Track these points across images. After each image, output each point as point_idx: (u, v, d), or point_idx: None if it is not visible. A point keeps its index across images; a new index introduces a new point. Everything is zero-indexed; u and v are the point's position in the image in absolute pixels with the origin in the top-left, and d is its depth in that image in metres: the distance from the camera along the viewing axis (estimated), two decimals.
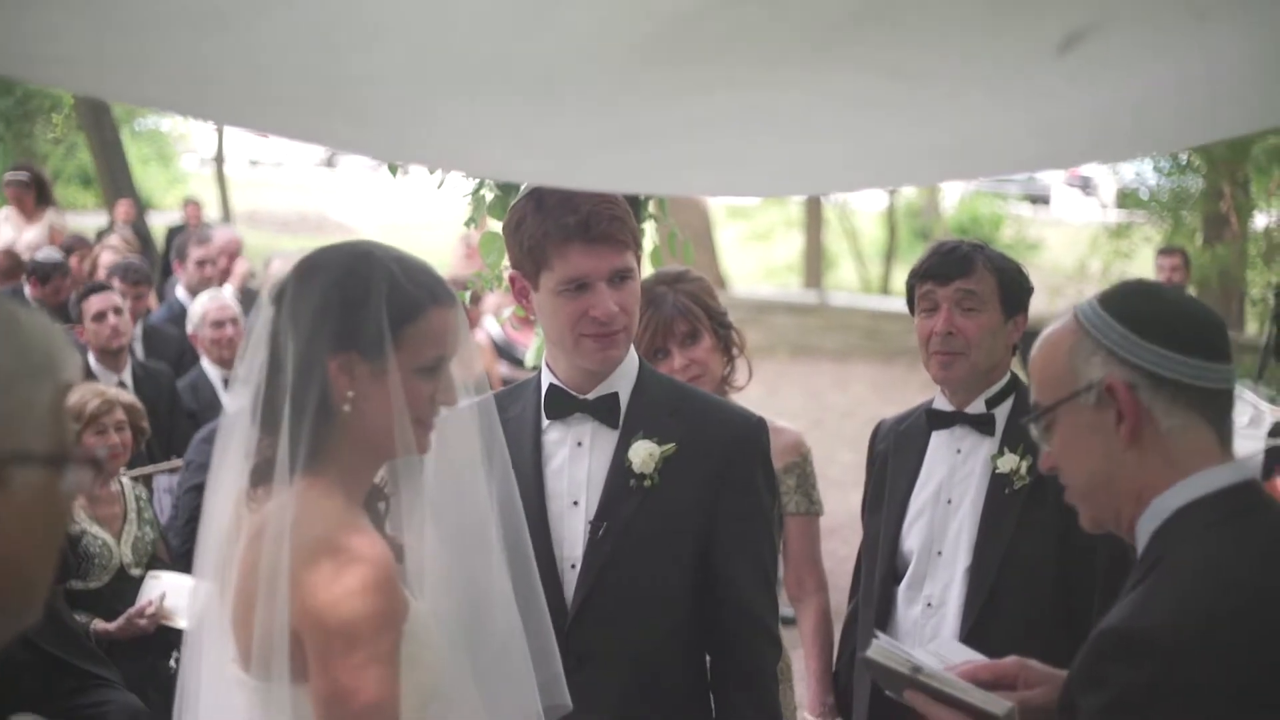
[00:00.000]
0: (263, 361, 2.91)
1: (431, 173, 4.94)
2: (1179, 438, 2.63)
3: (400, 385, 2.86)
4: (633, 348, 3.82)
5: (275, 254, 14.02)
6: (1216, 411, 2.67)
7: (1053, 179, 41.44)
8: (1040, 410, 2.75)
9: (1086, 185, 41.88)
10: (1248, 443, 7.33)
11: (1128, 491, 2.67)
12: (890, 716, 4.40)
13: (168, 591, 6.56)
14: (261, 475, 2.88)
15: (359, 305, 2.85)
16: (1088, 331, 2.68)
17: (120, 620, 6.54)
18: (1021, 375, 4.73)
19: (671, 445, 3.72)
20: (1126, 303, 2.71)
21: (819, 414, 18.42)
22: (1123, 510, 2.70)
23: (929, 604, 4.51)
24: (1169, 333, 2.64)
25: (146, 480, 7.82)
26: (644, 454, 3.70)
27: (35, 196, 14.13)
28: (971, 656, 3.20)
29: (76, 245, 13.29)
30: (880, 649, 3.05)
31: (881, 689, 3.19)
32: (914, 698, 2.97)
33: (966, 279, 4.48)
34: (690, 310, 5.05)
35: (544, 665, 3.16)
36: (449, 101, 2.55)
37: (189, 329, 9.67)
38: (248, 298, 11.51)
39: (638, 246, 3.75)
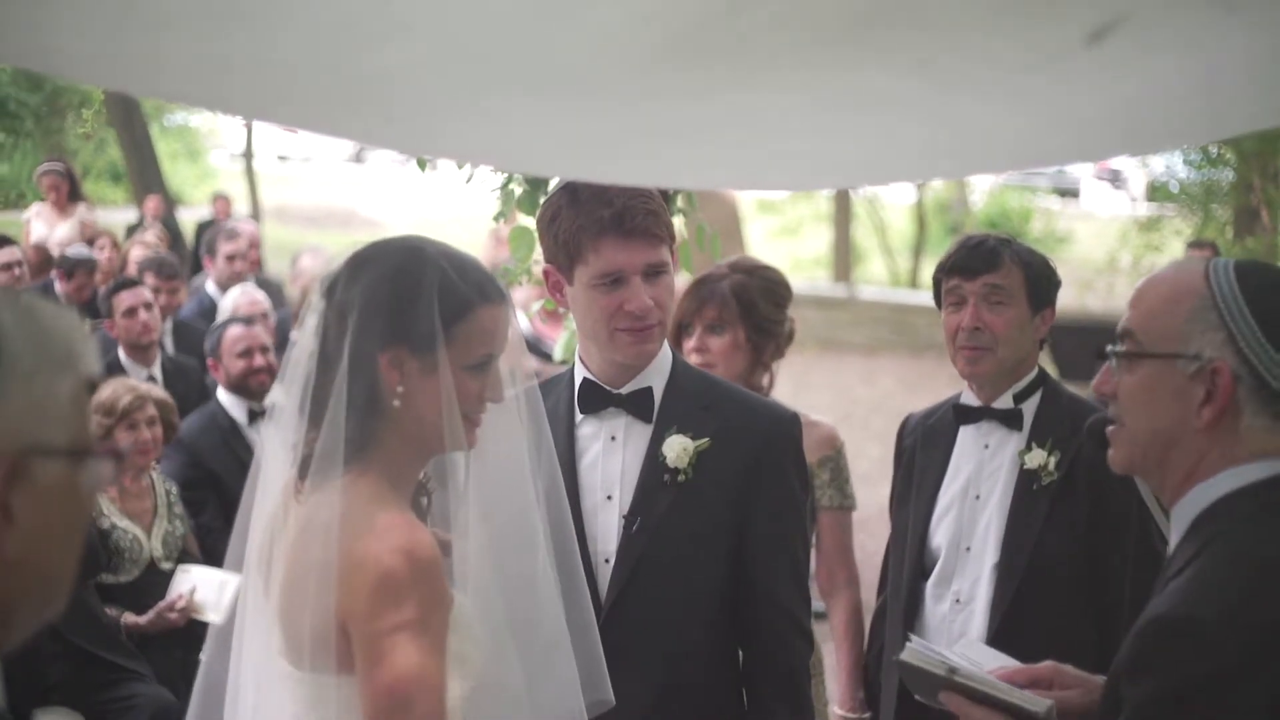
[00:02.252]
0: (312, 354, 2.93)
1: (460, 167, 4.94)
2: (1253, 436, 2.61)
3: (450, 381, 2.88)
4: (666, 342, 3.82)
5: (304, 249, 14.03)
6: None
7: (1082, 172, 41.25)
8: (1133, 350, 2.70)
9: (1116, 178, 41.71)
10: None
11: (1181, 465, 2.65)
12: (919, 712, 4.42)
13: (198, 585, 6.59)
14: (309, 467, 2.90)
15: (411, 301, 2.87)
16: (1216, 303, 2.62)
17: (150, 614, 6.57)
18: (1050, 369, 4.72)
19: (705, 440, 3.72)
20: (1263, 293, 2.63)
21: (847, 408, 18.40)
22: (1166, 480, 2.67)
23: (957, 600, 4.50)
24: None
25: None
26: (678, 448, 3.71)
27: (68, 190, 14.15)
28: (999, 658, 3.19)
29: (97, 236, 13.30)
30: (914, 651, 3.03)
31: (911, 694, 3.17)
32: (949, 699, 2.95)
33: (993, 273, 4.46)
34: (726, 301, 5.06)
35: (587, 660, 3.17)
36: (477, 96, 2.55)
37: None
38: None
39: (672, 241, 3.75)
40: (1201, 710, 2.41)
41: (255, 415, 7.82)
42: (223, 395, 8.07)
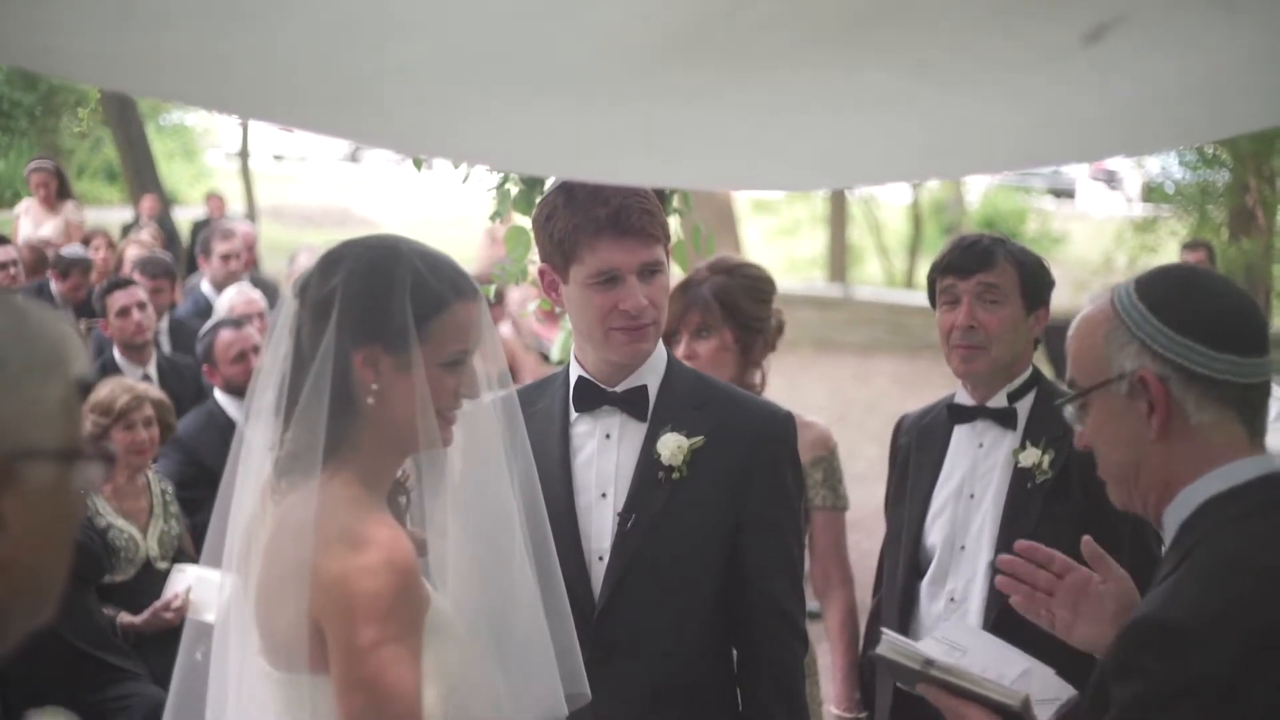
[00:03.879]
0: (286, 354, 2.93)
1: (456, 167, 4.94)
2: (1209, 432, 2.65)
3: (424, 379, 2.88)
4: (660, 341, 3.82)
5: (301, 248, 14.03)
6: (1249, 406, 2.67)
7: (1078, 173, 41.30)
8: (1075, 393, 2.78)
9: (1112, 179, 41.76)
10: (1273, 437, 7.31)
11: (1155, 481, 2.69)
12: (914, 712, 4.42)
13: (193, 584, 6.57)
14: (285, 468, 2.90)
15: (384, 299, 2.87)
16: (1123, 320, 2.69)
17: (146, 613, 6.56)
18: (1044, 369, 4.72)
19: (700, 438, 3.72)
20: (1162, 294, 2.70)
21: (842, 408, 18.40)
22: (1149, 497, 2.71)
23: (952, 599, 4.50)
24: (1203, 327, 2.64)
25: None
26: (672, 446, 3.71)
27: (57, 188, 14.11)
28: (980, 636, 3.22)
29: (92, 236, 13.31)
30: (889, 645, 3.05)
31: (896, 683, 3.19)
32: (927, 691, 2.97)
33: (987, 272, 4.47)
34: (709, 305, 5.04)
35: (565, 657, 3.16)
36: (473, 96, 2.55)
37: None
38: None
39: (668, 240, 3.75)
40: (1190, 712, 2.42)
41: None
42: (219, 395, 8.07)
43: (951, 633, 3.28)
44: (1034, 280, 4.52)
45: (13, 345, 1.76)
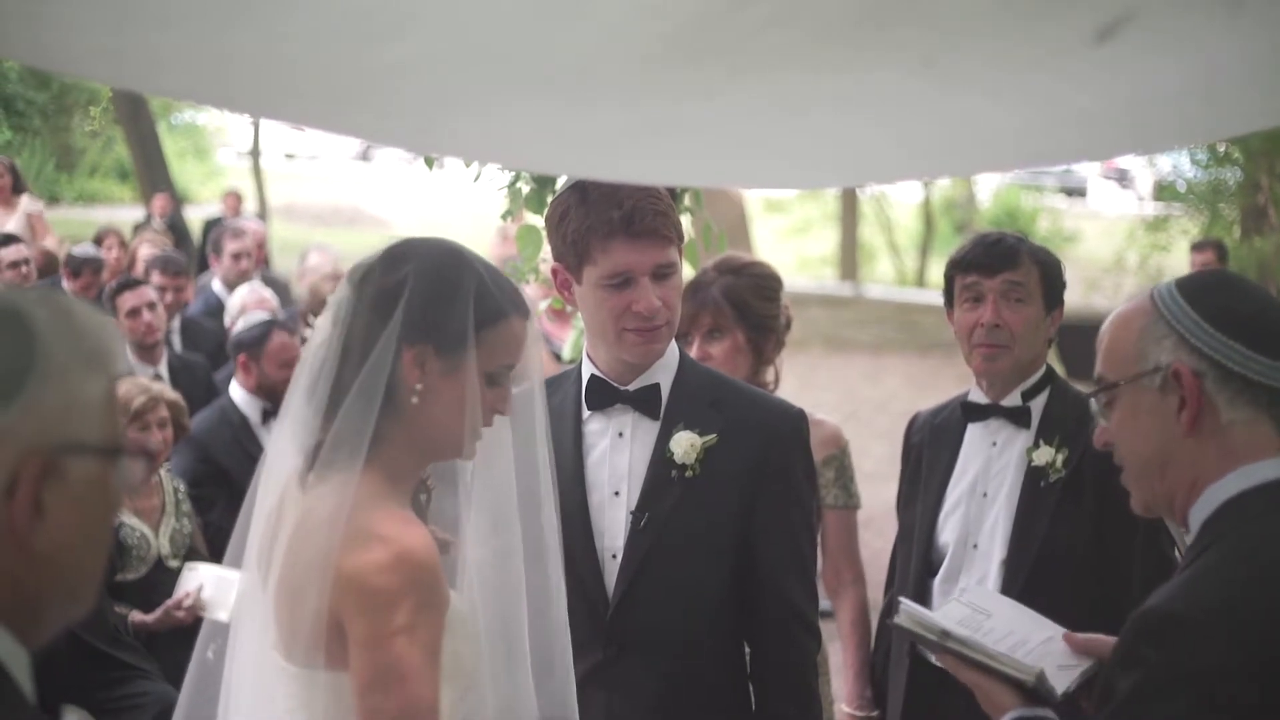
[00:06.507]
0: (332, 343, 2.91)
1: (467, 165, 4.94)
2: (1239, 431, 2.64)
3: (475, 385, 2.88)
4: (673, 340, 3.82)
5: (311, 247, 14.05)
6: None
7: (1089, 171, 41.31)
8: (1104, 385, 2.75)
9: (1123, 178, 41.79)
10: None
11: (1182, 479, 2.68)
12: (926, 710, 4.42)
13: (205, 583, 6.58)
14: (322, 459, 2.88)
15: (447, 301, 2.87)
16: (1161, 314, 2.68)
17: (158, 612, 6.56)
18: (1057, 368, 4.71)
19: (713, 436, 3.72)
20: (1204, 291, 2.70)
21: (853, 407, 18.40)
22: (1175, 497, 2.70)
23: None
24: (1243, 327, 2.64)
25: None
26: (685, 445, 3.71)
27: (11, 184, 14.03)
28: (1002, 602, 3.23)
29: (105, 235, 13.32)
30: (908, 616, 3.06)
31: (918, 689, 3.20)
32: (945, 661, 3.00)
33: (1014, 271, 4.46)
34: (720, 306, 5.03)
35: (551, 673, 3.16)
36: (483, 93, 2.55)
37: (226, 321, 9.69)
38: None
39: (680, 241, 3.75)
40: (1186, 703, 2.43)
41: (269, 414, 7.80)
42: (237, 392, 8.05)
43: (976, 598, 3.29)
44: (1054, 280, 4.52)
45: (59, 340, 1.81)
